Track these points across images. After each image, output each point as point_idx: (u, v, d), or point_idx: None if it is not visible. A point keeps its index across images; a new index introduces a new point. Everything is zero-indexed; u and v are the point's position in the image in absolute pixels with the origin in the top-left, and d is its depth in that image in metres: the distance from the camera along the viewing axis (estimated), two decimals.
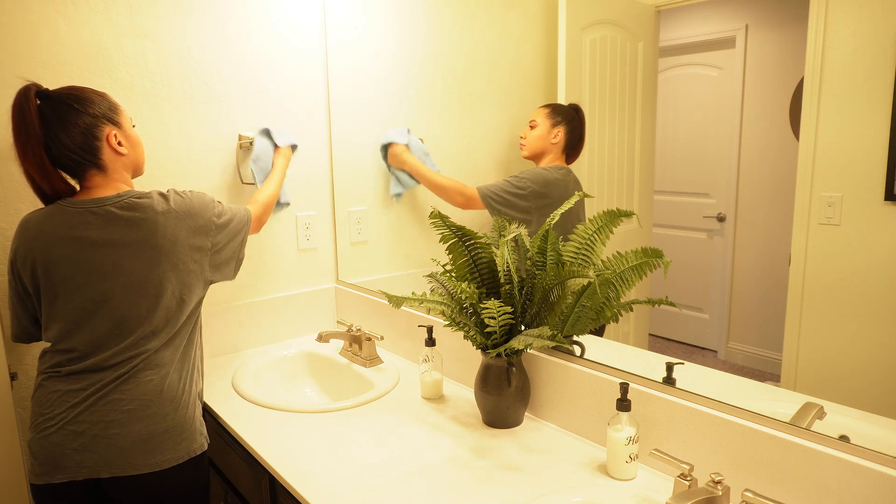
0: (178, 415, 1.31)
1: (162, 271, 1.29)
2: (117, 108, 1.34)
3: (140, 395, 1.27)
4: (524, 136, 1.67)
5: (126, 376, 1.28)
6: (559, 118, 1.64)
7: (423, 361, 1.63)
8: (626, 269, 1.28)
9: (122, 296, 1.27)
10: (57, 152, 1.26)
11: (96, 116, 1.28)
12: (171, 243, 1.30)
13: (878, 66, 1.03)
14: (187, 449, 1.32)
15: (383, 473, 1.24)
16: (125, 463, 1.25)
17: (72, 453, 1.24)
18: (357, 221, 2.16)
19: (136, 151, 1.38)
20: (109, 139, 1.30)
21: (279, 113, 2.01)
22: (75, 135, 1.25)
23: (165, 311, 1.30)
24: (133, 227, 1.27)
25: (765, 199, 1.40)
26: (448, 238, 1.37)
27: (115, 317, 1.27)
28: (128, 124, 1.36)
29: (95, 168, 1.30)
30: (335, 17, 2.08)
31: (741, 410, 1.09)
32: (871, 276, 1.08)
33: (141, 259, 1.28)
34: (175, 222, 1.31)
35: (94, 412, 1.25)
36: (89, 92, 1.30)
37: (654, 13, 1.47)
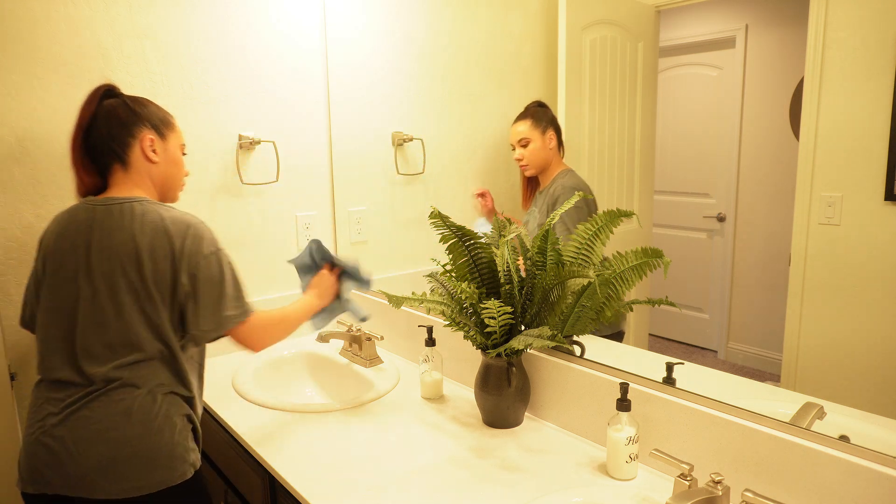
0: (149, 440, 1.19)
1: (118, 282, 1.21)
2: (170, 125, 1.36)
3: (106, 415, 1.18)
4: (521, 158, 1.66)
5: (97, 392, 1.19)
6: (543, 122, 1.64)
7: (423, 361, 1.63)
8: (626, 269, 1.28)
9: (91, 302, 1.21)
10: (94, 138, 1.27)
11: (141, 118, 1.30)
12: (146, 255, 1.22)
13: (878, 65, 1.03)
14: (163, 478, 1.19)
15: (383, 473, 1.24)
16: (91, 485, 1.16)
17: (43, 468, 1.18)
18: (357, 221, 2.16)
19: (170, 169, 1.35)
20: (144, 141, 1.30)
21: (279, 113, 2.01)
22: (114, 125, 1.27)
23: (139, 325, 1.22)
24: (115, 231, 1.23)
25: (765, 199, 1.40)
26: (448, 238, 1.37)
27: (87, 324, 1.21)
28: (174, 142, 1.36)
29: (119, 162, 1.29)
30: (335, 17, 2.08)
31: (741, 410, 1.09)
32: (870, 276, 1.08)
33: (108, 262, 1.21)
34: (155, 237, 1.22)
35: (66, 426, 1.18)
36: (152, 104, 1.34)
37: (654, 13, 1.47)
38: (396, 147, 2.04)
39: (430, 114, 1.97)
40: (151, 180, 1.33)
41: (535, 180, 1.72)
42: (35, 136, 1.60)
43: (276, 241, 2.07)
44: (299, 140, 2.08)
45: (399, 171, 2.05)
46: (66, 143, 1.64)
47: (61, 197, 1.65)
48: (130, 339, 1.21)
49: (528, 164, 1.66)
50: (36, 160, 1.61)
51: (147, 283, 1.21)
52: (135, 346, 1.22)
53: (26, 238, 1.61)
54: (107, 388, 1.20)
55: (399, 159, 2.04)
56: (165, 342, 1.24)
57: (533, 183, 1.74)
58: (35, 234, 1.62)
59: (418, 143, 2.01)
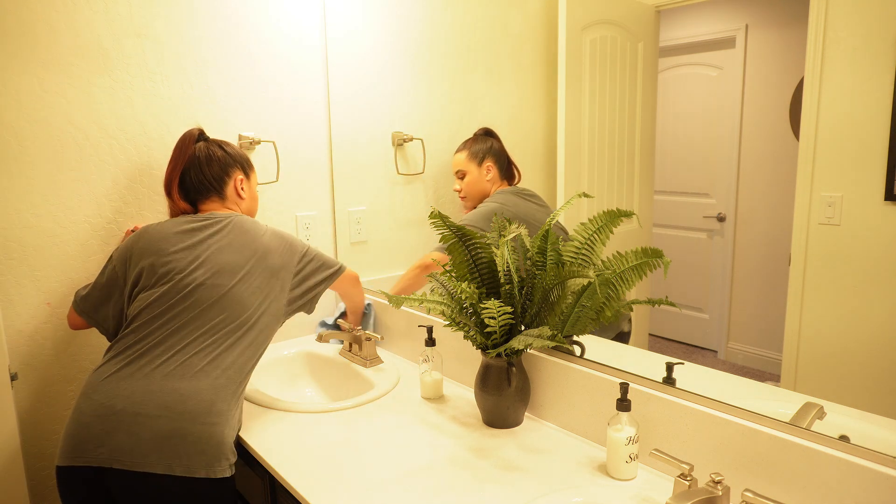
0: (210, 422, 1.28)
1: (251, 270, 1.41)
2: (251, 165, 1.62)
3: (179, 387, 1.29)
4: (460, 189, 1.67)
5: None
6: (480, 154, 1.65)
7: (423, 361, 1.63)
8: (626, 269, 1.28)
9: (208, 283, 1.38)
10: (193, 176, 1.52)
11: (235, 161, 1.57)
12: (252, 251, 1.44)
13: (877, 65, 1.03)
14: (208, 465, 1.26)
15: (383, 473, 1.24)
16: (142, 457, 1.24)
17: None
18: (357, 221, 2.16)
19: (252, 204, 1.62)
20: (236, 182, 1.56)
21: (279, 113, 2.01)
22: (214, 167, 1.53)
23: (245, 309, 1.39)
24: (222, 228, 1.45)
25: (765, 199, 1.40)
26: (448, 238, 1.37)
27: (201, 301, 1.37)
28: (254, 181, 1.63)
29: (217, 195, 1.54)
30: (335, 17, 2.08)
31: (741, 410, 1.09)
32: (870, 276, 1.08)
33: (232, 252, 1.42)
34: (270, 240, 1.48)
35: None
36: (236, 147, 1.61)
37: (654, 13, 1.47)
38: (396, 147, 2.04)
39: (430, 114, 1.97)
40: (240, 212, 1.57)
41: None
42: (35, 136, 1.60)
43: None
44: (299, 140, 2.08)
45: (399, 171, 2.05)
46: (65, 143, 1.65)
47: (61, 197, 1.65)
48: (242, 317, 1.38)
49: (465, 196, 1.71)
50: (36, 160, 1.61)
51: (274, 273, 1.44)
52: (227, 330, 1.36)
53: (26, 238, 1.61)
54: (184, 358, 1.31)
55: (399, 159, 2.04)
56: (247, 328, 1.39)
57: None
58: (34, 234, 1.62)
59: (418, 143, 2.01)
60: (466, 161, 1.65)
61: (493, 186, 1.65)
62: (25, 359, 1.65)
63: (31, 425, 1.67)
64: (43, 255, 1.64)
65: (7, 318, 1.60)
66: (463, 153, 1.67)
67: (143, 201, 1.78)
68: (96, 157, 1.69)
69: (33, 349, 1.66)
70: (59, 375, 1.70)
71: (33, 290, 1.64)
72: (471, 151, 1.65)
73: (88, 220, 1.70)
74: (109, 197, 1.72)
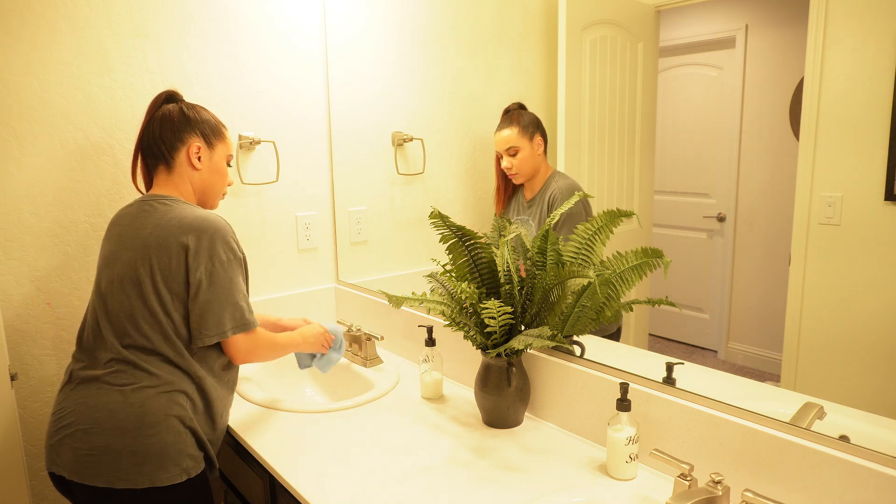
0: (141, 434, 1.21)
1: (140, 273, 1.26)
2: (220, 135, 1.43)
3: (108, 402, 1.22)
4: (511, 167, 1.63)
5: (106, 373, 1.25)
6: (530, 128, 1.62)
7: (423, 361, 1.63)
8: (626, 269, 1.28)
9: (111, 288, 1.29)
10: (147, 138, 1.37)
11: (192, 125, 1.38)
12: (158, 249, 1.27)
13: (877, 65, 1.03)
14: (151, 475, 1.21)
15: (383, 473, 1.24)
16: (80, 471, 1.21)
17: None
18: (357, 221, 2.16)
19: (212, 177, 1.42)
20: (191, 148, 1.38)
21: (279, 113, 2.01)
22: (166, 129, 1.36)
23: (148, 316, 1.26)
24: (141, 227, 1.30)
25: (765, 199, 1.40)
26: (448, 238, 1.37)
27: (113, 308, 1.28)
28: (221, 152, 1.43)
29: (164, 164, 1.37)
30: (335, 17, 2.08)
31: (741, 410, 1.09)
32: (870, 276, 1.08)
33: (132, 252, 1.28)
34: (170, 233, 1.27)
35: (73, 402, 1.26)
36: (206, 112, 1.42)
37: (654, 13, 1.47)
38: (396, 147, 2.04)
39: (430, 114, 1.97)
40: (192, 185, 1.40)
41: (517, 187, 1.70)
42: (34, 136, 1.60)
43: (275, 241, 2.07)
44: (299, 140, 2.08)
45: (399, 171, 2.05)
46: (65, 143, 1.65)
47: (60, 197, 1.65)
48: (141, 327, 1.26)
49: (517, 173, 1.64)
50: (35, 160, 1.61)
51: (157, 277, 1.26)
52: (145, 335, 1.26)
53: (26, 238, 1.61)
54: (114, 370, 1.24)
55: (399, 159, 2.04)
56: (172, 338, 1.27)
57: (513, 189, 1.71)
58: (34, 233, 1.62)
59: (418, 143, 2.01)
60: (518, 136, 1.60)
61: (542, 161, 1.63)
62: (25, 359, 1.65)
63: (31, 425, 1.67)
64: (43, 255, 1.64)
65: (7, 318, 1.60)
66: (513, 129, 1.61)
67: None
68: (96, 156, 1.69)
69: (33, 349, 1.66)
70: (58, 376, 1.70)
71: (33, 290, 1.64)
72: (521, 126, 1.60)
73: (88, 220, 1.70)
74: (109, 197, 1.72)
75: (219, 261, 1.28)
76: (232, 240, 1.32)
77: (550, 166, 1.62)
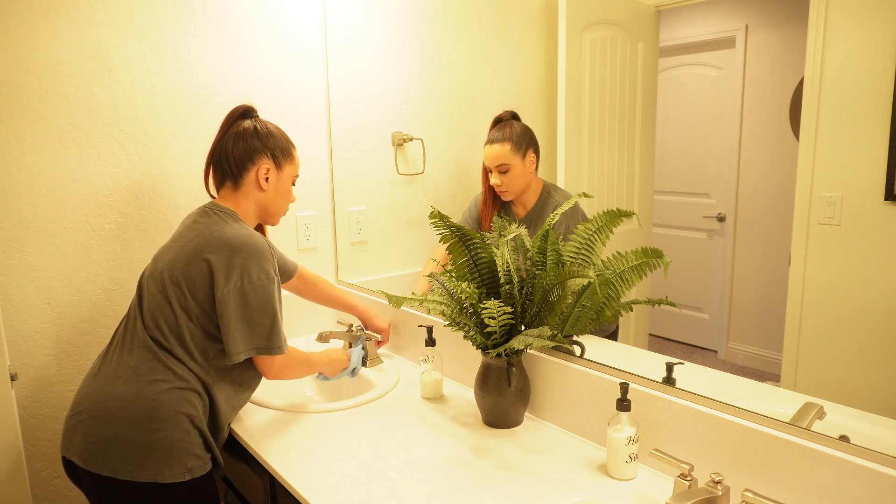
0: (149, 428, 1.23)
1: (175, 274, 1.30)
2: (289, 156, 1.44)
3: (121, 393, 1.25)
4: (500, 184, 1.54)
5: (128, 354, 1.30)
6: (523, 144, 1.52)
7: (423, 361, 1.63)
8: (626, 269, 1.28)
9: (149, 281, 1.34)
10: (218, 152, 1.40)
11: (265, 147, 1.39)
12: (193, 256, 1.30)
13: (877, 65, 1.03)
14: (153, 471, 1.22)
15: (383, 473, 1.24)
16: (89, 458, 1.25)
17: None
18: (357, 221, 2.16)
19: (276, 199, 1.44)
20: (260, 169, 1.39)
21: (279, 113, 2.01)
22: (239, 148, 1.38)
23: (168, 315, 1.30)
24: (196, 223, 1.36)
25: (765, 199, 1.41)
26: (448, 238, 1.37)
27: (140, 300, 1.34)
28: (288, 173, 1.44)
29: (231, 180, 1.40)
30: (335, 17, 2.08)
31: (741, 410, 1.09)
32: (871, 276, 1.08)
33: (174, 252, 1.33)
34: (208, 244, 1.30)
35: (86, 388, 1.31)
36: (278, 132, 1.43)
37: (654, 13, 1.47)
38: (396, 147, 2.04)
39: (430, 114, 1.97)
40: (255, 204, 1.42)
41: (505, 203, 1.64)
42: (34, 136, 1.60)
43: (276, 241, 2.07)
44: (299, 140, 2.06)
45: (399, 171, 2.05)
46: (65, 143, 1.65)
47: (61, 197, 1.65)
48: (161, 325, 1.29)
49: (507, 191, 1.56)
50: (35, 160, 1.61)
51: (185, 283, 1.29)
52: (164, 333, 1.29)
53: (26, 238, 1.61)
54: (138, 357, 1.28)
55: (399, 159, 2.04)
56: (187, 343, 1.30)
57: (501, 205, 1.64)
58: (34, 233, 1.62)
59: (418, 143, 2.01)
60: (510, 153, 1.48)
61: (533, 177, 1.54)
62: (25, 359, 1.65)
63: (31, 425, 1.67)
64: (43, 255, 1.64)
65: (7, 318, 1.60)
66: (505, 145, 1.49)
67: (143, 201, 1.78)
68: (96, 156, 1.69)
69: (33, 349, 1.66)
70: (58, 375, 1.70)
71: (33, 290, 1.64)
72: (514, 142, 1.48)
73: (88, 219, 1.70)
74: (110, 197, 1.72)
75: (248, 280, 1.29)
76: (268, 262, 1.32)
77: (541, 180, 1.57)
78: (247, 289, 1.29)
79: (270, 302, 1.32)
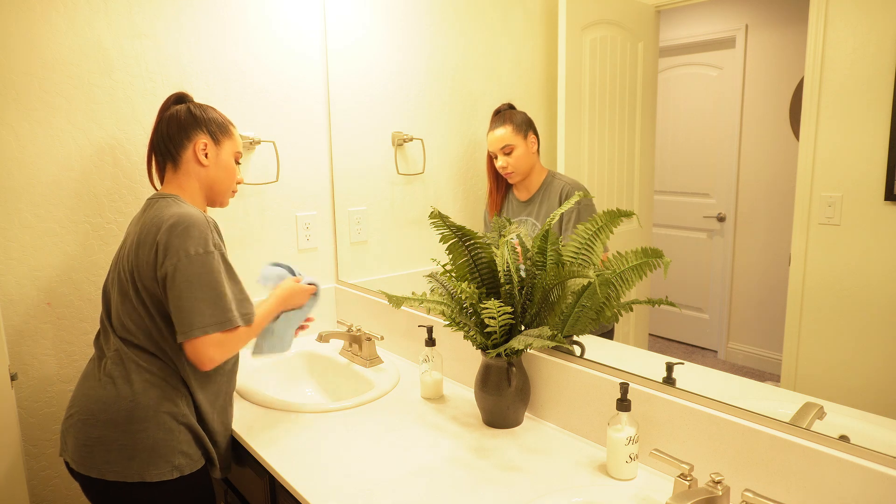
0: (132, 429, 1.23)
1: (126, 269, 1.29)
2: (227, 132, 1.41)
3: (102, 396, 1.26)
4: (506, 166, 1.61)
5: (103, 363, 1.30)
6: (524, 126, 1.60)
7: (423, 361, 1.63)
8: (626, 269, 1.28)
9: (110, 282, 1.35)
10: (157, 138, 1.39)
11: (200, 123, 1.37)
12: (136, 246, 1.27)
13: (878, 65, 1.03)
14: (140, 471, 1.23)
15: (383, 473, 1.24)
16: (77, 460, 1.28)
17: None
18: (357, 221, 2.16)
19: (220, 174, 1.39)
20: (197, 145, 1.37)
21: (279, 113, 2.01)
22: (174, 127, 1.36)
23: (129, 312, 1.28)
24: (140, 218, 1.34)
25: (765, 199, 1.40)
26: (448, 238, 1.37)
27: (107, 304, 1.34)
28: (228, 149, 1.41)
29: (171, 161, 1.37)
30: (335, 17, 2.08)
31: (741, 410, 1.09)
32: (871, 276, 1.08)
33: (126, 248, 1.32)
34: (150, 229, 1.25)
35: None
36: (214, 111, 1.42)
37: (654, 13, 1.47)
38: (396, 147, 2.04)
39: (430, 114, 1.97)
40: (199, 182, 1.39)
41: (507, 190, 1.70)
42: (34, 136, 1.60)
43: (276, 242, 2.07)
44: (299, 140, 2.08)
45: (399, 171, 2.05)
46: (65, 143, 1.65)
47: (60, 197, 1.65)
48: (126, 323, 1.29)
49: (513, 172, 1.62)
50: (35, 160, 1.61)
51: (136, 274, 1.26)
52: (131, 331, 1.28)
53: (26, 238, 1.61)
54: (113, 361, 1.27)
55: (399, 159, 2.04)
56: (153, 335, 1.28)
57: (504, 191, 1.70)
58: (34, 233, 1.62)
59: (418, 143, 2.01)
60: (513, 134, 1.57)
61: (536, 160, 1.61)
62: (25, 359, 1.65)
63: (31, 426, 1.67)
64: (43, 255, 1.64)
65: (7, 318, 1.60)
66: (507, 127, 1.58)
67: (143, 201, 1.78)
68: (97, 156, 1.69)
69: (33, 349, 1.66)
70: (58, 375, 1.70)
71: (33, 290, 1.64)
72: (515, 124, 1.58)
73: (88, 219, 1.70)
74: (110, 197, 1.72)
75: (185, 255, 1.20)
76: (204, 235, 1.23)
77: (544, 167, 1.61)
78: (183, 265, 1.20)
79: (211, 276, 1.22)
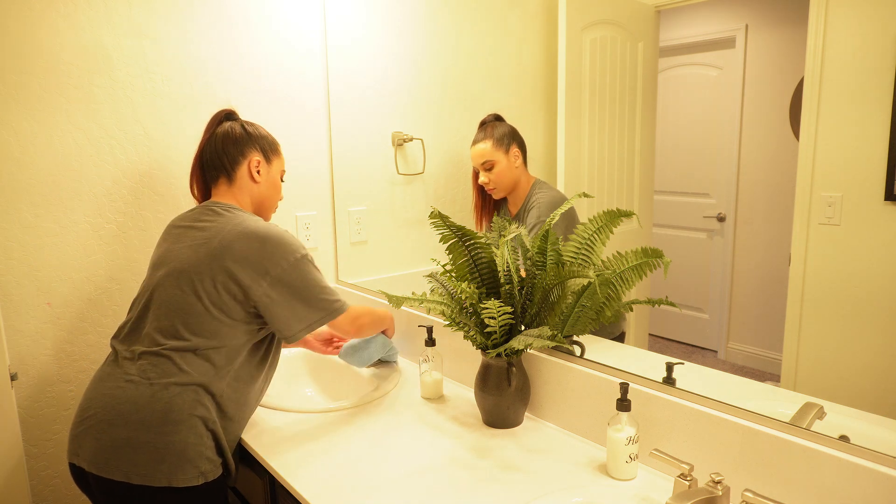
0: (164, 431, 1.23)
1: (201, 271, 1.30)
2: (276, 151, 1.52)
3: (134, 396, 1.24)
4: (488, 182, 1.59)
5: (136, 362, 1.29)
6: (505, 140, 1.57)
7: (423, 361, 1.63)
8: (626, 269, 1.28)
9: (164, 282, 1.33)
10: (208, 152, 1.45)
11: (254, 141, 1.47)
12: (220, 251, 1.31)
13: (878, 65, 1.03)
14: (169, 475, 1.22)
15: (383, 473, 1.24)
16: (104, 463, 1.23)
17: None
18: (357, 221, 2.16)
19: (269, 191, 1.50)
20: (251, 163, 1.45)
21: (279, 113, 2.01)
22: (229, 143, 1.44)
23: (195, 313, 1.29)
24: (206, 222, 1.37)
25: (765, 199, 1.40)
26: (448, 238, 1.37)
27: (153, 303, 1.33)
28: (276, 167, 1.51)
29: (225, 175, 1.45)
30: (335, 18, 2.08)
31: (741, 410, 1.09)
32: (870, 276, 1.08)
33: (192, 250, 1.33)
34: (235, 239, 1.32)
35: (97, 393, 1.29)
36: (263, 129, 1.51)
37: (654, 13, 1.47)
38: (396, 147, 2.04)
39: (430, 114, 1.97)
40: (251, 198, 1.47)
41: (499, 202, 1.67)
42: (34, 136, 1.60)
43: None
44: (299, 140, 2.08)
45: (399, 171, 2.05)
46: (65, 143, 1.65)
47: (60, 197, 1.65)
48: (189, 324, 1.29)
49: (495, 188, 1.61)
50: (35, 160, 1.61)
51: (218, 278, 1.29)
52: (191, 332, 1.29)
53: (26, 238, 1.61)
54: (148, 362, 1.27)
55: (399, 159, 2.04)
56: (213, 339, 1.29)
57: (495, 205, 1.68)
58: (34, 233, 1.62)
59: (418, 143, 2.01)
60: (493, 150, 1.53)
61: (522, 173, 1.58)
62: (25, 359, 1.65)
63: (31, 426, 1.67)
64: (43, 255, 1.64)
65: (7, 318, 1.60)
66: (487, 142, 1.55)
67: (143, 201, 1.78)
68: (97, 156, 1.69)
69: (33, 349, 1.66)
70: (58, 375, 1.70)
71: (33, 290, 1.64)
72: (496, 139, 1.54)
73: (88, 220, 1.70)
74: (110, 197, 1.72)
75: (287, 264, 1.32)
76: (294, 244, 1.36)
77: (532, 176, 1.59)
78: (283, 275, 1.32)
79: (308, 278, 1.35)
